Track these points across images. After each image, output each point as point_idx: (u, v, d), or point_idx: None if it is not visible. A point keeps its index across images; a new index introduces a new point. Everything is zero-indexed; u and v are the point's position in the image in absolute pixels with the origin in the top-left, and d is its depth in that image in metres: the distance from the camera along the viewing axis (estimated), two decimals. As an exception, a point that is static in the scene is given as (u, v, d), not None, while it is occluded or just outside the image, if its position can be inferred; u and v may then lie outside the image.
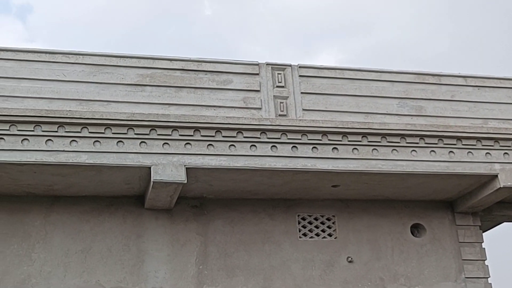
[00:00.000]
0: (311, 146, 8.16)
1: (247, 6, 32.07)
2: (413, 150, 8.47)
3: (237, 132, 7.98)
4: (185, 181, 7.71)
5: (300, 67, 8.75)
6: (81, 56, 8.11)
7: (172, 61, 8.38)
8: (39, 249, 8.03)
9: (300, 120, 8.29)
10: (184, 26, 32.08)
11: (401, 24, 32.39)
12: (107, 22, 31.75)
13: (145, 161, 7.64)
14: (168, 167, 7.67)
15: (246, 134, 7.99)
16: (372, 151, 8.33)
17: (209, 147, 7.86)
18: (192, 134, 7.85)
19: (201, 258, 8.46)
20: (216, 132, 7.92)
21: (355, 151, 8.28)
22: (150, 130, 7.74)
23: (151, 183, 7.67)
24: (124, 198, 8.48)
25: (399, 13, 32.34)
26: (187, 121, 7.83)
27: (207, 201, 8.75)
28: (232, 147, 7.92)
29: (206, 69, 8.42)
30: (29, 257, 7.98)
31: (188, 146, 7.81)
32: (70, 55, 8.09)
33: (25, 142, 7.36)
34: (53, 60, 8.02)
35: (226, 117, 8.03)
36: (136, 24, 31.67)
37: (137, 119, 7.69)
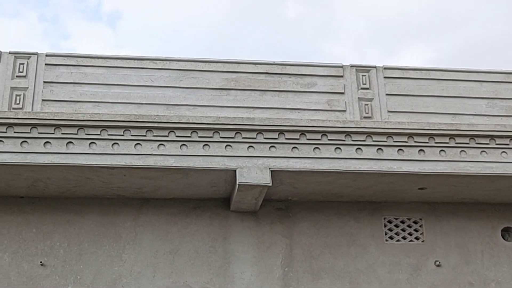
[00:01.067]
0: (397, 148, 8.05)
1: (331, 6, 31.87)
2: (503, 152, 8.22)
3: (322, 135, 7.95)
4: (270, 184, 7.74)
5: (384, 68, 8.66)
6: (167, 62, 8.30)
7: (257, 65, 8.46)
8: (129, 250, 8.27)
9: (385, 122, 8.20)
10: (267, 29, 32.24)
11: (491, 21, 31.41)
12: (191, 27, 32.26)
13: (230, 164, 7.72)
14: (253, 170, 7.73)
15: (330, 136, 7.95)
16: (460, 153, 8.14)
17: (293, 150, 7.87)
18: (276, 137, 7.88)
19: (286, 260, 8.50)
20: (300, 135, 7.92)
21: (442, 153, 8.11)
22: (235, 134, 7.82)
23: (237, 185, 7.74)
24: (210, 200, 8.61)
25: (489, 9, 31.36)
26: (272, 124, 7.86)
27: (292, 203, 8.78)
28: (317, 149, 7.91)
29: (290, 72, 8.45)
30: (120, 258, 8.23)
31: (272, 149, 7.84)
32: (157, 61, 8.29)
33: (115, 146, 7.58)
34: (141, 66, 8.25)
35: (311, 119, 8.02)
36: (220, 28, 32.06)
37: (223, 123, 7.78)
